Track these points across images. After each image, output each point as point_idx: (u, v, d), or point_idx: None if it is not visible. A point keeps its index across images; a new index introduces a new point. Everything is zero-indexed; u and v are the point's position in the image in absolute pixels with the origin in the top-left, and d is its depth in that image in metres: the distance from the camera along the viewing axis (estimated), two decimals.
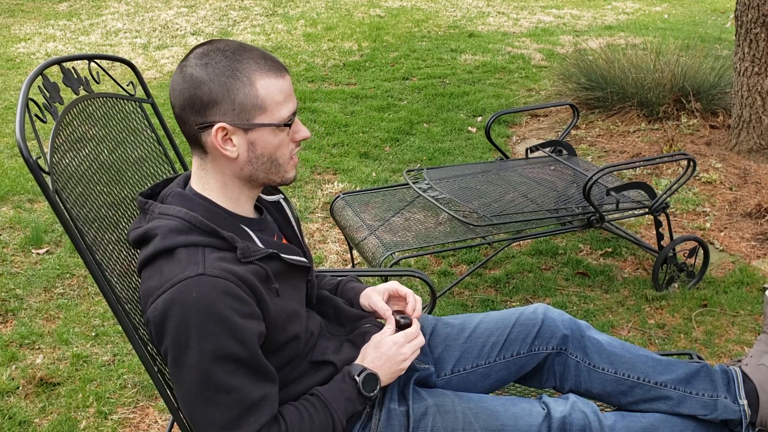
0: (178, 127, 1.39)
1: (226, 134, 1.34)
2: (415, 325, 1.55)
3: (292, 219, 1.61)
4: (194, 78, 1.32)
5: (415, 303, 1.64)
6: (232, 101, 1.32)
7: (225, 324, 1.28)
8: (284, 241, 1.56)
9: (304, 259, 1.50)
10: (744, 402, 1.69)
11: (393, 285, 1.69)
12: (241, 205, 1.45)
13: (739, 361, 1.84)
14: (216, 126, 1.33)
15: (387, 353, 1.49)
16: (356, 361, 1.50)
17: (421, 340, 1.53)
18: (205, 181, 1.42)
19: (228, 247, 1.36)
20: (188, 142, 1.40)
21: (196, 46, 1.38)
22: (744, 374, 1.73)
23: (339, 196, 3.11)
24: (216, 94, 1.32)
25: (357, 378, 1.44)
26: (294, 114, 1.39)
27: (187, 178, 1.49)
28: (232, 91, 1.32)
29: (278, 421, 1.35)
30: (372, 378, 1.46)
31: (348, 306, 1.67)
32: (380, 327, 1.65)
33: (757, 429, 1.71)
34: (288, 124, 1.38)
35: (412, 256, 2.93)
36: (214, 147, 1.35)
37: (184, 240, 1.34)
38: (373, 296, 1.66)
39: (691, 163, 2.89)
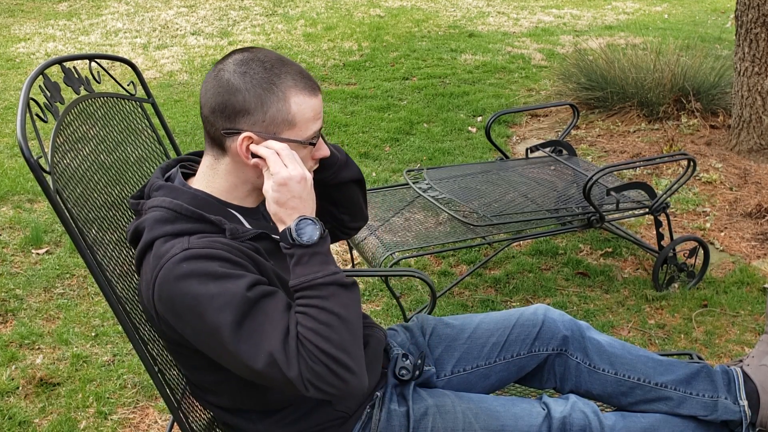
0: (202, 124, 1.39)
1: (251, 143, 1.34)
2: (270, 142, 1.35)
3: None
4: (230, 84, 1.32)
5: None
6: (264, 113, 1.33)
7: (226, 277, 1.26)
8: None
9: None
10: (744, 403, 1.69)
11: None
12: (245, 202, 1.44)
13: (741, 361, 1.84)
14: (243, 135, 1.33)
15: (296, 191, 1.32)
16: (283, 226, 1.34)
17: (292, 150, 1.34)
18: (211, 180, 1.41)
19: (216, 230, 1.35)
20: (208, 141, 1.40)
21: (236, 51, 1.38)
22: (745, 374, 1.73)
23: None
24: (249, 104, 1.32)
25: (293, 238, 1.30)
26: (319, 132, 1.40)
27: (165, 169, 1.48)
28: (265, 104, 1.33)
29: (300, 339, 1.26)
30: (302, 223, 1.30)
31: None
32: (381, 328, 1.65)
33: (757, 429, 1.71)
34: (312, 143, 1.39)
35: (412, 256, 2.93)
36: (237, 153, 1.35)
37: (171, 229, 1.33)
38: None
39: (691, 163, 2.89)
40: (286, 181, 1.30)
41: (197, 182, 1.43)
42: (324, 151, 1.44)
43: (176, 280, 1.27)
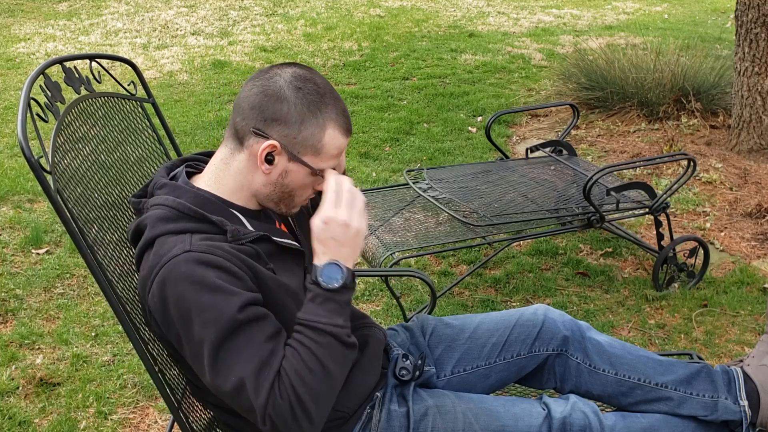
0: (233, 113, 1.40)
1: (273, 152, 1.37)
2: (344, 181, 1.38)
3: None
4: (281, 92, 1.35)
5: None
6: (299, 132, 1.36)
7: (220, 291, 1.27)
8: (283, 228, 1.56)
9: (295, 243, 1.50)
10: (744, 403, 1.69)
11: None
12: (249, 204, 1.45)
13: (741, 361, 1.84)
14: (270, 141, 1.35)
15: (336, 234, 1.33)
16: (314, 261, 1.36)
17: (359, 197, 1.36)
18: (219, 177, 1.42)
19: (217, 231, 1.36)
20: (230, 132, 1.40)
21: (295, 65, 1.41)
22: (745, 374, 1.73)
23: None
24: (290, 118, 1.35)
25: (316, 276, 1.32)
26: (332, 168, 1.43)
27: (170, 168, 1.49)
28: (304, 124, 1.36)
29: (280, 374, 1.28)
30: (330, 266, 1.32)
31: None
32: (380, 328, 1.65)
33: (757, 429, 1.71)
34: (322, 175, 1.41)
35: (412, 256, 2.93)
36: (254, 154, 1.37)
37: (173, 227, 1.34)
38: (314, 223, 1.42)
39: (692, 163, 2.89)
40: (329, 221, 1.33)
41: (203, 179, 1.44)
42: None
43: (173, 283, 1.27)
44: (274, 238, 1.42)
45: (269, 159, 1.37)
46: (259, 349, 1.27)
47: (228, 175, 1.41)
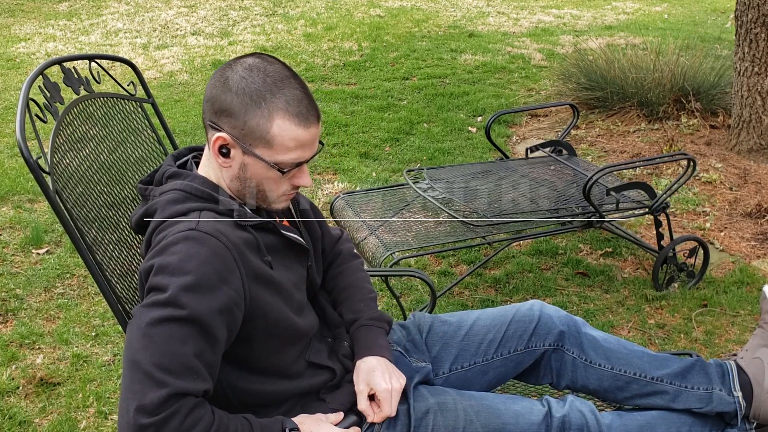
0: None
1: (227, 144, 1.36)
2: None
3: (291, 209, 1.59)
4: (228, 83, 1.35)
5: (382, 409, 1.48)
6: (244, 123, 1.34)
7: (198, 283, 1.26)
8: (285, 223, 1.56)
9: (300, 238, 1.50)
10: (739, 394, 1.71)
11: (378, 387, 1.48)
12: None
13: (734, 355, 1.85)
14: (219, 134, 1.35)
15: None
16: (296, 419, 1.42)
17: None
18: (208, 172, 1.45)
19: (224, 211, 1.37)
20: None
21: (254, 55, 1.38)
22: (739, 367, 1.75)
23: (339, 196, 3.11)
24: (234, 108, 1.34)
25: (287, 429, 1.37)
26: (299, 163, 1.39)
27: (177, 157, 1.51)
28: (248, 114, 1.33)
29: (207, 407, 1.28)
30: None
31: (332, 309, 1.65)
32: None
33: (752, 422, 1.72)
34: (282, 170, 1.38)
35: (412, 256, 2.93)
36: (212, 147, 1.39)
37: (182, 208, 1.36)
38: (358, 375, 1.51)
39: (691, 163, 2.89)
40: None
41: (200, 169, 1.47)
42: (302, 181, 1.43)
43: (168, 253, 1.28)
44: (281, 231, 1.44)
45: (223, 152, 1.37)
46: (181, 353, 1.23)
47: (211, 171, 1.44)
